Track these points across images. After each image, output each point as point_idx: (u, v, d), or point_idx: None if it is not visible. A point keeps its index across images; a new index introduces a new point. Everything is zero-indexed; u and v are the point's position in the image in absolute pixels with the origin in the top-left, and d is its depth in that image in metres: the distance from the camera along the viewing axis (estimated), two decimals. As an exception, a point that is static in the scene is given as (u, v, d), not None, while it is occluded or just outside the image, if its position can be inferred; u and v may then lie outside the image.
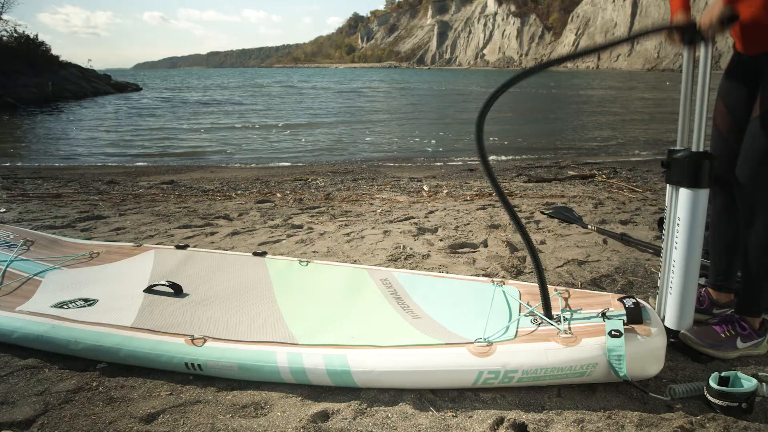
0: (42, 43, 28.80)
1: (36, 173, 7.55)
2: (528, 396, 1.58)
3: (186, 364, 1.67)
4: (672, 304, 1.78)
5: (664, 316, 1.81)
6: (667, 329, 1.76)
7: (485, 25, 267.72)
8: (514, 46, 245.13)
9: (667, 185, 1.75)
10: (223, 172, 8.00)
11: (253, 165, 9.33)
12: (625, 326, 1.60)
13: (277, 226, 3.69)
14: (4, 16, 26.26)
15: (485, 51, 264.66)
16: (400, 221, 3.77)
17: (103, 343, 1.74)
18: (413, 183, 6.27)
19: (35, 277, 2.32)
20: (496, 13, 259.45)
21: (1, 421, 1.48)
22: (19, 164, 9.23)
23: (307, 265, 2.37)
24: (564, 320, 1.70)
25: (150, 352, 1.70)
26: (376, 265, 2.72)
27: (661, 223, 3.43)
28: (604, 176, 6.41)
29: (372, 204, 4.58)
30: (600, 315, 1.69)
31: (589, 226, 3.44)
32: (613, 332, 1.57)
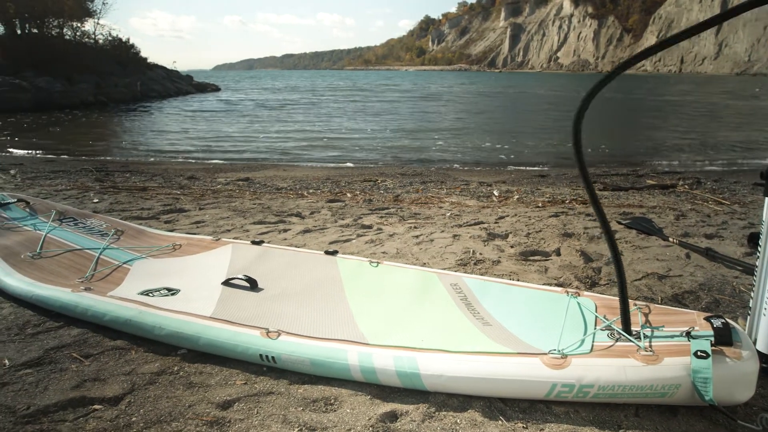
0: (132, 46, 30.91)
1: (125, 167, 8.07)
2: (603, 413, 1.52)
3: (261, 355, 1.73)
4: (766, 327, 1.65)
5: (755, 339, 1.69)
6: (760, 353, 1.64)
7: (560, 27, 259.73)
8: (590, 48, 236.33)
9: (766, 198, 1.64)
10: (295, 171, 8.22)
11: (328, 165, 9.52)
12: (713, 347, 1.50)
13: (347, 225, 3.75)
14: (101, 21, 28.38)
15: (559, 54, 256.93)
16: (469, 225, 3.73)
17: (184, 331, 1.83)
18: (483, 187, 6.18)
19: (124, 265, 2.48)
20: (572, 15, 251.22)
21: (93, 397, 1.59)
22: (110, 158, 9.90)
23: (377, 266, 2.40)
24: (644, 337, 1.62)
25: (227, 342, 1.78)
26: (445, 268, 2.71)
27: (753, 238, 3.21)
28: (686, 186, 6.06)
29: (441, 207, 4.56)
30: (684, 334, 1.60)
31: (671, 239, 3.26)
32: (699, 353, 1.47)
